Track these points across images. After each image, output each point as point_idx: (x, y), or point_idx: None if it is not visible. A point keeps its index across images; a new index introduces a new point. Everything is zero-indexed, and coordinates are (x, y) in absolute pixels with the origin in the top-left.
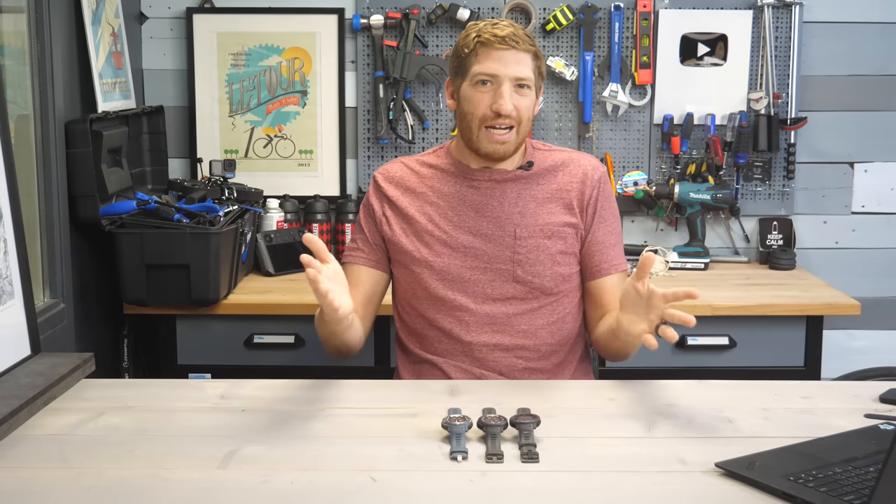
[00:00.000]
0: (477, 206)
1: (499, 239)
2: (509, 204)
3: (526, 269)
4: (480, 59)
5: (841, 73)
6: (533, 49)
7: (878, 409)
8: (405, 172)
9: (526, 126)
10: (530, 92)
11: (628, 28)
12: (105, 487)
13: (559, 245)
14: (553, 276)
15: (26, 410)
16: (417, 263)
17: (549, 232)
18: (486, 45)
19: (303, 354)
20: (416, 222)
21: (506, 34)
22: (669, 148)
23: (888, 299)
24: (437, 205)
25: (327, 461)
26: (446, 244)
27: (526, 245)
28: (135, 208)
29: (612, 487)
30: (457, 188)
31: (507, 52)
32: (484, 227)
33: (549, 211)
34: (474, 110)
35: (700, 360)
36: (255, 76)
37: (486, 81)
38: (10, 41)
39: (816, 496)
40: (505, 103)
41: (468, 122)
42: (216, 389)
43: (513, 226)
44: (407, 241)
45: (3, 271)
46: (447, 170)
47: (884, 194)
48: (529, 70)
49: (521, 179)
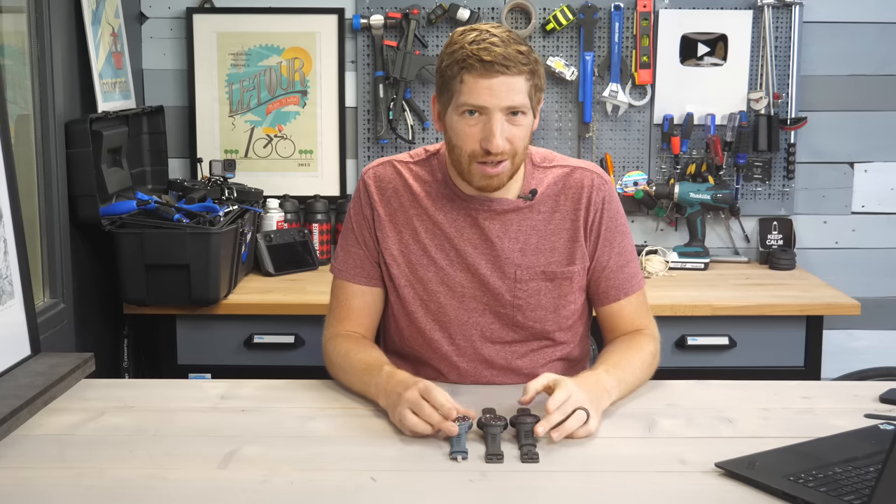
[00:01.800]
0: (475, 242)
1: (498, 282)
2: (510, 241)
3: (527, 314)
4: (466, 88)
5: (841, 73)
6: (527, 67)
7: (878, 409)
8: (398, 184)
9: (522, 154)
10: (525, 118)
11: (628, 28)
12: (105, 487)
13: (563, 286)
14: (556, 318)
15: (26, 410)
16: (411, 302)
17: (551, 274)
18: (470, 71)
19: (303, 354)
20: (409, 255)
21: (493, 58)
22: (669, 148)
23: (888, 299)
24: (433, 233)
25: (327, 461)
26: (443, 283)
27: (527, 289)
28: (135, 208)
29: (612, 487)
30: (452, 216)
31: (495, 79)
32: (482, 267)
33: (552, 246)
34: (463, 145)
35: (700, 360)
36: (255, 76)
37: (474, 112)
38: (10, 41)
39: (816, 496)
40: (496, 141)
41: (457, 156)
42: (216, 389)
43: (513, 267)
44: (399, 273)
45: (3, 271)
46: (442, 192)
47: (884, 194)
48: (523, 95)
49: (522, 210)
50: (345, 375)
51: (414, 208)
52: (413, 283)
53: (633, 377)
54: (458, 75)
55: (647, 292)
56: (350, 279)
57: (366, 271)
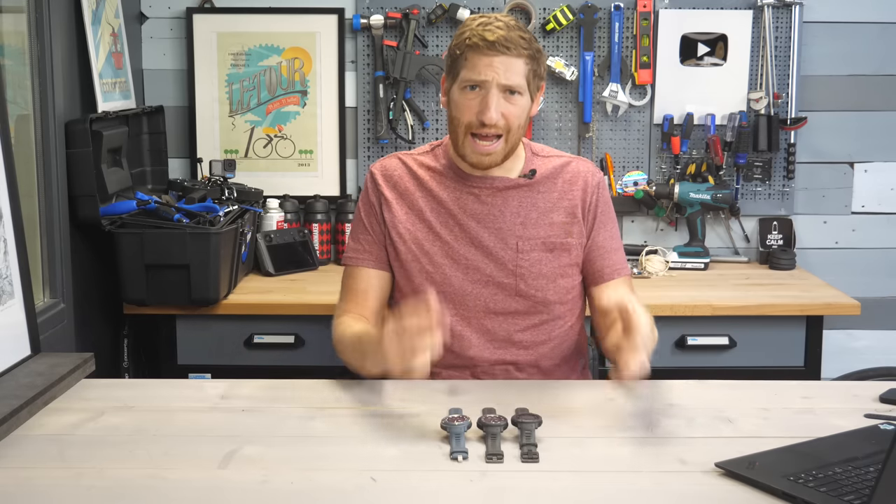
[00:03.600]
0: (478, 216)
1: (501, 252)
2: (511, 214)
3: (529, 283)
4: (469, 64)
5: (841, 73)
6: (527, 52)
7: (878, 409)
8: (403, 172)
9: (516, 133)
10: (522, 98)
11: (628, 28)
12: (105, 487)
13: (562, 258)
14: (556, 288)
15: (26, 410)
16: (416, 275)
17: (551, 245)
18: (474, 49)
19: (303, 354)
20: (416, 231)
21: (496, 38)
22: (669, 148)
23: (888, 299)
24: (438, 211)
25: (327, 461)
26: (447, 256)
27: (528, 259)
28: (135, 208)
29: (612, 487)
30: (456, 195)
31: (496, 57)
32: (486, 239)
33: (551, 221)
34: (461, 116)
35: (700, 360)
36: (255, 76)
37: (474, 87)
38: (10, 41)
39: (816, 496)
40: (491, 113)
41: (455, 127)
42: (216, 389)
43: (515, 238)
44: (406, 250)
45: (3, 271)
46: (445, 174)
47: (884, 194)
48: (521, 76)
49: (522, 188)
50: (345, 347)
51: (419, 191)
52: (419, 257)
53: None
54: (463, 53)
55: (647, 292)
56: (356, 263)
57: (373, 255)
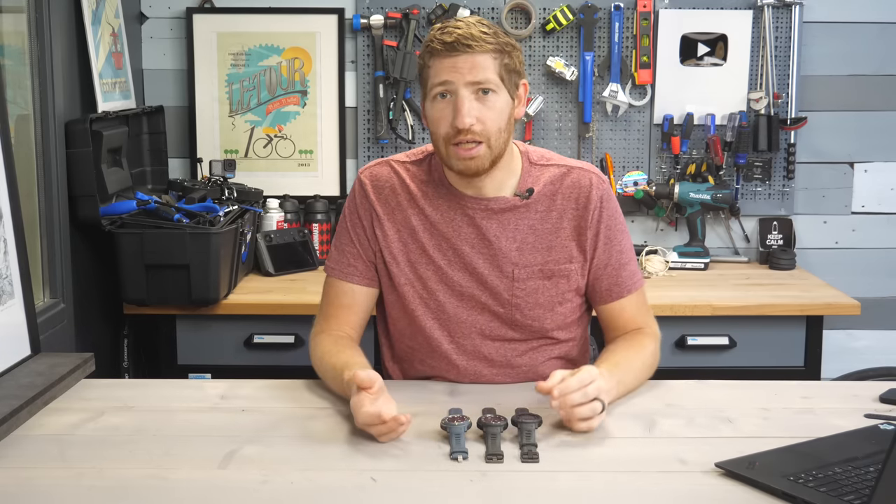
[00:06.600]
0: (472, 241)
1: (496, 281)
2: (507, 240)
3: (525, 313)
4: (433, 71)
5: (840, 73)
6: (492, 45)
7: (878, 409)
8: (395, 183)
9: (499, 137)
10: (498, 97)
11: (628, 28)
12: (105, 487)
13: (561, 284)
14: (554, 317)
15: (26, 410)
16: (411, 300)
17: (549, 272)
18: (435, 54)
19: (303, 354)
20: (409, 253)
21: (454, 38)
22: (669, 148)
23: (888, 299)
24: (431, 232)
25: (327, 461)
26: (441, 281)
27: (524, 288)
28: (135, 208)
29: (612, 487)
30: (450, 216)
31: (458, 57)
32: (480, 266)
33: (550, 245)
34: (437, 129)
35: (700, 360)
36: (255, 76)
37: (444, 94)
38: (10, 41)
39: (816, 496)
40: (462, 118)
41: (435, 142)
42: (216, 389)
43: (511, 266)
44: (399, 272)
45: (3, 271)
46: (438, 191)
47: (884, 194)
48: (490, 71)
49: (519, 209)
50: (323, 377)
51: (411, 207)
52: (413, 282)
53: (633, 377)
54: (426, 62)
55: (648, 292)
56: (341, 277)
57: (358, 270)
